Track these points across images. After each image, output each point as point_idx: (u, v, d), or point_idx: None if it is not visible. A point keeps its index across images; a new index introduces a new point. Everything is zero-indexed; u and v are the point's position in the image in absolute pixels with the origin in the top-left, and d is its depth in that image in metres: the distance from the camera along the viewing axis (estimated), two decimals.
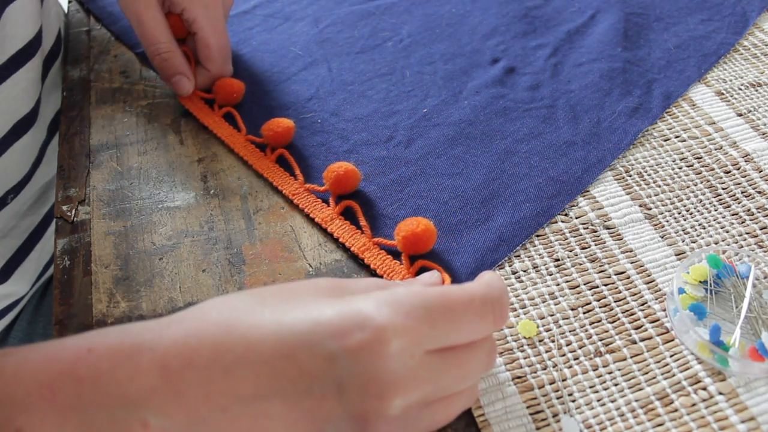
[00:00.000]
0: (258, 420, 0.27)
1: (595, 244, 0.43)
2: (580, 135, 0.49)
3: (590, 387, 0.36)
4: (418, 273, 0.40)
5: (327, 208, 0.44)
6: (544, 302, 0.39)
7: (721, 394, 0.35)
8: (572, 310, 0.39)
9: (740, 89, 0.54)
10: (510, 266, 0.41)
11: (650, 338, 0.38)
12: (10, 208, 0.57)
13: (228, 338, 0.27)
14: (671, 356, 0.37)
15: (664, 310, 0.39)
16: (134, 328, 0.28)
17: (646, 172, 0.47)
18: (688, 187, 0.46)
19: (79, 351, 0.27)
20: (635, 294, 0.40)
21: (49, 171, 0.60)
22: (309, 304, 0.28)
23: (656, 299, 0.40)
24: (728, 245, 0.43)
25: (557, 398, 0.35)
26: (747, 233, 0.43)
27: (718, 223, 0.44)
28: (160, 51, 0.49)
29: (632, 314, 0.39)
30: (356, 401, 0.27)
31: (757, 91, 0.54)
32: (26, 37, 0.51)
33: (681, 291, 0.39)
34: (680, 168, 0.48)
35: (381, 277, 0.40)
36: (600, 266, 0.41)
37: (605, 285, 0.40)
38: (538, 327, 0.38)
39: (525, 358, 0.37)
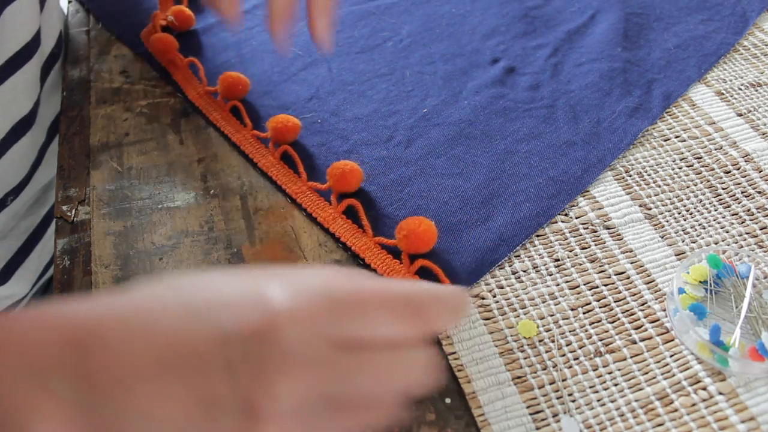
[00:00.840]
0: (157, 400, 0.26)
1: (595, 244, 0.43)
2: (580, 135, 0.49)
3: (590, 387, 0.36)
4: (418, 272, 0.40)
5: (329, 207, 0.44)
6: (544, 302, 0.39)
7: (721, 394, 0.35)
8: (572, 310, 0.39)
9: (740, 89, 0.54)
10: (510, 266, 0.41)
11: (650, 338, 0.38)
12: (10, 210, 0.57)
13: (137, 314, 0.27)
14: (671, 356, 0.37)
15: (664, 310, 0.39)
16: (70, 301, 0.29)
17: (646, 172, 0.47)
18: (688, 187, 0.46)
19: (3, 318, 0.28)
20: (635, 294, 0.40)
21: (49, 173, 0.60)
22: (226, 284, 0.28)
23: (656, 299, 0.40)
24: (728, 245, 0.43)
25: (557, 398, 0.35)
26: (747, 233, 0.43)
27: (718, 223, 0.44)
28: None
29: (632, 314, 0.39)
30: (245, 385, 0.26)
31: (757, 91, 0.54)
32: (24, 39, 0.51)
33: (681, 291, 0.39)
34: (680, 168, 0.48)
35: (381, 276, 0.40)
36: (600, 266, 0.41)
37: (605, 285, 0.40)
38: (538, 327, 0.38)
39: (525, 358, 0.37)
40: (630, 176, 0.47)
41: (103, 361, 0.26)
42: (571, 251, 0.42)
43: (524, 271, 0.41)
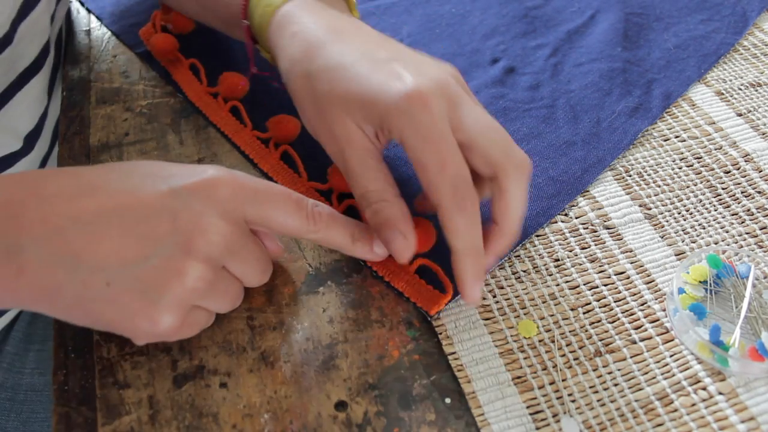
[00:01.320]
0: (91, 241, 0.31)
1: (595, 244, 0.43)
2: (579, 135, 0.49)
3: (590, 387, 0.36)
4: (417, 271, 0.40)
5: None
6: (544, 303, 0.39)
7: (721, 394, 0.35)
8: (572, 310, 0.39)
9: (740, 89, 0.54)
10: (510, 267, 0.41)
11: (650, 338, 0.38)
12: None
13: (83, 176, 0.33)
14: (671, 356, 0.37)
15: (664, 310, 0.39)
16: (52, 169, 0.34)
17: (646, 172, 0.47)
18: (687, 187, 0.46)
19: None
20: (635, 294, 0.40)
21: None
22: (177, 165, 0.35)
23: (656, 299, 0.40)
24: (728, 245, 0.43)
25: (557, 398, 0.35)
26: (747, 233, 0.43)
27: (718, 223, 0.44)
28: (370, 201, 0.37)
29: (632, 314, 0.39)
30: (186, 223, 0.32)
31: (757, 91, 0.54)
32: (35, 53, 0.51)
33: (681, 291, 0.39)
34: (680, 168, 0.48)
35: (381, 278, 0.40)
36: (600, 266, 0.41)
37: (605, 285, 0.40)
38: (537, 327, 0.38)
39: (525, 358, 0.37)
40: (630, 176, 0.47)
41: (37, 215, 0.31)
42: (571, 251, 0.42)
43: (524, 272, 0.41)
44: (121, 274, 0.31)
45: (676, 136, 0.50)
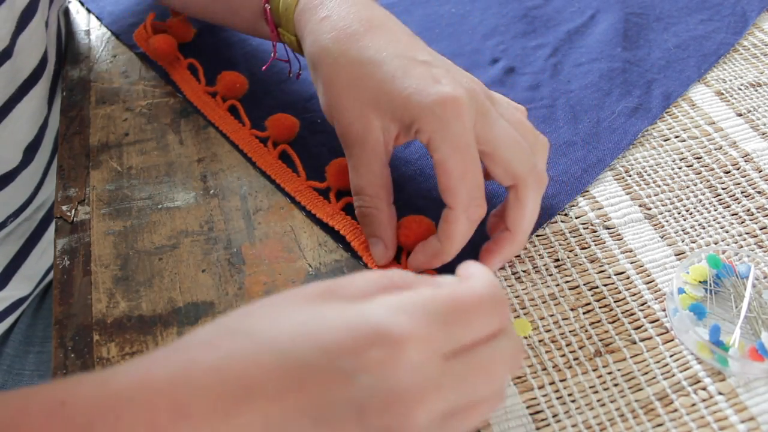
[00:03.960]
0: None
1: (595, 244, 0.43)
2: (579, 135, 0.49)
3: (590, 387, 0.36)
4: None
5: (329, 205, 0.44)
6: (544, 303, 0.39)
7: (720, 394, 0.35)
8: (572, 310, 0.39)
9: (740, 89, 0.54)
10: (510, 267, 0.41)
11: (650, 338, 0.38)
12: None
13: (224, 377, 0.25)
14: (671, 356, 0.37)
15: (664, 310, 0.39)
16: (112, 374, 0.25)
17: (645, 172, 0.47)
18: (687, 187, 0.46)
19: (53, 405, 0.24)
20: (635, 294, 0.40)
21: (49, 188, 0.60)
22: (308, 319, 0.26)
23: (656, 299, 0.40)
24: (728, 245, 0.43)
25: (557, 399, 0.35)
26: (747, 233, 0.43)
27: (718, 223, 0.44)
28: (361, 203, 0.39)
29: (632, 314, 0.39)
30: (378, 421, 0.25)
31: (756, 91, 0.54)
32: (33, 64, 0.51)
33: (681, 291, 0.39)
34: (680, 168, 0.48)
35: None
36: (600, 266, 0.41)
37: (605, 285, 0.40)
38: (532, 326, 0.38)
39: (525, 358, 0.37)
40: (630, 176, 0.47)
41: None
42: (571, 251, 0.42)
43: (524, 272, 0.41)
44: None
45: (676, 136, 0.50)
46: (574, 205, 0.45)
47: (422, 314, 0.26)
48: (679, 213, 0.45)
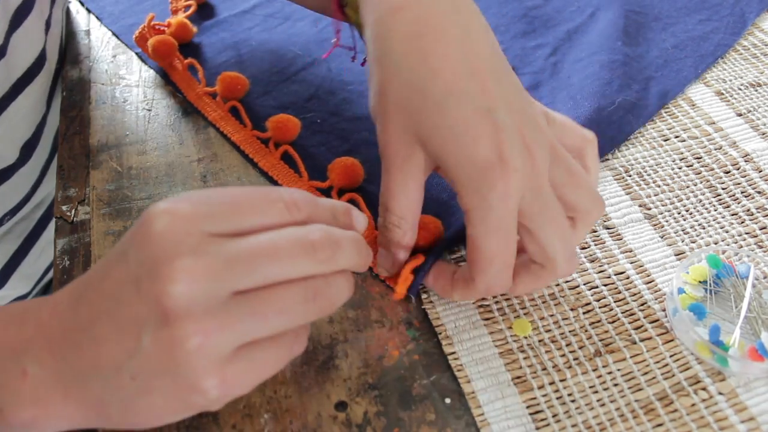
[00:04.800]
0: (97, 346, 0.28)
1: (595, 244, 0.43)
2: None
3: (590, 387, 0.36)
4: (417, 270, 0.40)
5: None
6: (544, 303, 0.39)
7: (721, 394, 0.36)
8: (572, 310, 0.39)
9: (740, 89, 0.54)
10: None
11: (650, 338, 0.38)
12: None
13: (80, 281, 0.30)
14: (671, 356, 0.37)
15: (664, 310, 0.39)
16: (39, 298, 0.32)
17: (645, 172, 0.47)
18: (687, 187, 0.46)
19: None
20: (635, 294, 0.40)
21: (48, 187, 0.60)
22: None
23: (656, 299, 0.40)
24: (728, 245, 0.43)
25: (557, 399, 0.35)
26: (747, 233, 0.43)
27: (718, 223, 0.44)
28: (387, 221, 0.37)
29: (632, 314, 0.39)
30: (148, 290, 0.27)
31: (756, 91, 0.54)
32: (30, 61, 0.51)
33: (681, 291, 0.39)
34: (680, 168, 0.48)
35: (381, 278, 0.40)
36: (600, 266, 0.41)
37: (605, 285, 0.40)
38: (532, 326, 0.38)
39: (525, 358, 0.37)
40: (630, 176, 0.47)
41: (58, 333, 0.29)
42: None
43: None
44: (134, 364, 0.27)
45: (676, 136, 0.50)
46: None
47: (186, 198, 0.29)
48: (679, 213, 0.45)
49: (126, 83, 0.54)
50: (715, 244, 0.43)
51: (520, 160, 0.33)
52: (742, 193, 0.46)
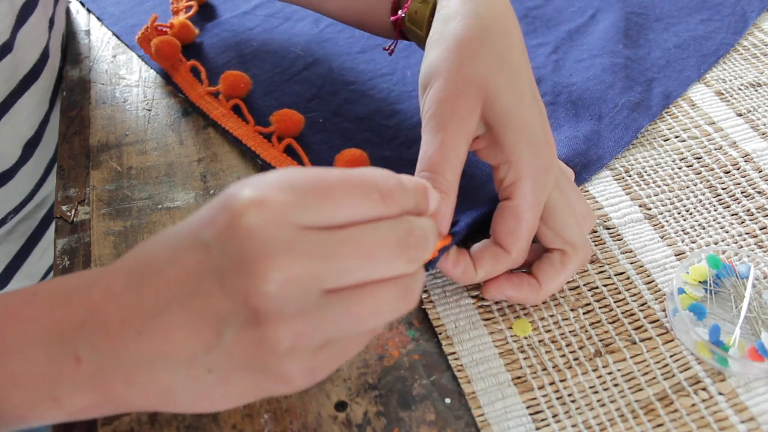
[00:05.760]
0: (167, 335, 0.26)
1: (595, 245, 0.43)
2: (581, 131, 0.49)
3: (590, 387, 0.36)
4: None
5: None
6: (544, 303, 0.39)
7: (721, 394, 0.35)
8: (572, 311, 0.39)
9: (740, 89, 0.54)
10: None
11: (650, 339, 0.38)
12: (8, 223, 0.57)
13: (136, 261, 0.28)
14: (671, 357, 0.37)
15: (664, 311, 0.39)
16: (82, 273, 0.30)
17: (645, 172, 0.47)
18: (687, 187, 0.46)
19: (26, 295, 0.29)
20: (635, 294, 0.40)
21: (50, 186, 0.60)
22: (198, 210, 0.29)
23: (656, 299, 0.40)
24: (728, 245, 0.43)
25: (557, 399, 0.35)
26: (747, 233, 0.43)
27: (718, 223, 0.44)
28: (434, 183, 0.36)
29: (632, 315, 0.39)
30: (234, 286, 0.25)
31: (756, 91, 0.54)
32: (34, 59, 0.51)
33: (681, 291, 0.39)
34: (680, 168, 0.48)
35: None
36: (600, 267, 0.41)
37: (605, 286, 0.40)
38: (532, 326, 0.38)
39: (525, 358, 0.37)
40: (630, 176, 0.47)
41: (117, 318, 0.27)
42: None
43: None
44: (212, 357, 0.26)
45: (676, 136, 0.50)
46: None
47: (272, 182, 0.26)
48: (679, 213, 0.45)
49: (126, 83, 0.54)
50: (715, 244, 0.43)
51: (554, 150, 0.38)
52: (742, 193, 0.46)
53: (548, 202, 0.37)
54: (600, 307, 0.39)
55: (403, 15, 0.45)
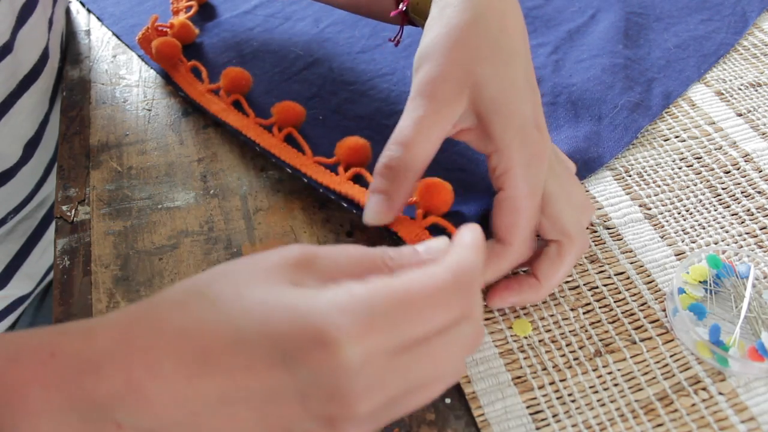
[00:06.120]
0: (229, 421, 0.26)
1: (595, 245, 0.43)
2: (581, 131, 0.49)
3: (590, 387, 0.36)
4: (429, 228, 0.40)
5: (336, 176, 0.44)
6: (544, 303, 0.39)
7: (721, 394, 0.35)
8: (572, 310, 0.39)
9: (740, 89, 0.54)
10: None
11: (650, 338, 0.38)
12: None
13: (189, 345, 0.26)
14: (671, 356, 0.37)
15: (664, 310, 0.39)
16: (96, 326, 0.28)
17: (645, 172, 0.47)
18: (687, 187, 0.46)
19: (43, 356, 0.27)
20: (635, 294, 0.40)
21: (50, 186, 0.60)
22: (265, 300, 0.27)
23: (656, 299, 0.40)
24: (728, 245, 0.43)
25: (557, 399, 0.35)
26: (747, 233, 0.43)
27: (718, 223, 0.44)
28: (398, 154, 0.36)
29: (632, 314, 0.39)
30: (320, 409, 0.26)
31: (756, 91, 0.54)
32: (34, 59, 0.51)
33: (681, 291, 0.39)
34: (680, 168, 0.48)
35: (395, 233, 0.40)
36: (600, 267, 0.41)
37: (605, 285, 0.40)
38: (532, 326, 0.38)
39: (525, 358, 0.37)
40: (630, 176, 0.47)
41: (167, 399, 0.26)
42: None
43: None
44: None
45: (676, 136, 0.50)
46: None
47: (367, 314, 0.25)
48: (679, 213, 0.45)
49: (126, 83, 0.54)
50: (715, 244, 0.43)
51: (548, 142, 0.37)
52: (742, 193, 0.46)
53: (547, 188, 0.37)
54: (600, 307, 0.39)
55: (404, 8, 0.45)
